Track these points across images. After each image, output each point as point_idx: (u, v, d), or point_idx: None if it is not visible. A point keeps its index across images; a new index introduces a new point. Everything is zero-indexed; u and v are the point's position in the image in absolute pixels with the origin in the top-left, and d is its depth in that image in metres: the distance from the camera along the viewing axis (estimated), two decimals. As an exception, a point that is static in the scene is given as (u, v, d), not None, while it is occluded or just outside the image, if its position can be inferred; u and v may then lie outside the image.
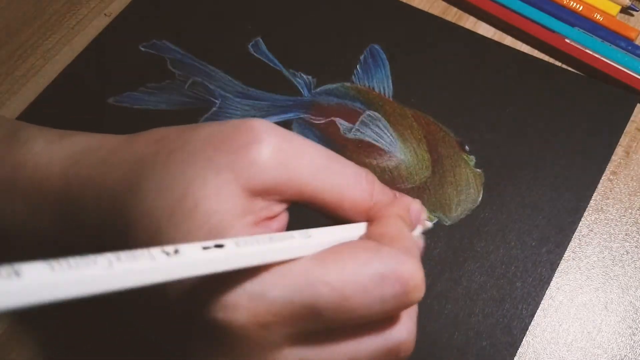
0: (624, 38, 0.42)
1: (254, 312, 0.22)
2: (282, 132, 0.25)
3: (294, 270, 0.23)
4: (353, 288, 0.22)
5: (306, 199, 0.25)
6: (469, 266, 0.36)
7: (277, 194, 0.25)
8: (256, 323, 0.22)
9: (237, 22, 0.46)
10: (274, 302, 0.22)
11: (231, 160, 0.24)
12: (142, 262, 0.18)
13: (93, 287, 0.17)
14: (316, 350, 0.23)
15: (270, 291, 0.22)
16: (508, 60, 0.43)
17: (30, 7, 0.48)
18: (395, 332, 0.24)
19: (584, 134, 0.39)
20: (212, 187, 0.24)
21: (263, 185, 0.24)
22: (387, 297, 0.23)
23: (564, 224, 0.37)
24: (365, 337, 0.24)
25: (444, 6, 0.46)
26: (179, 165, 0.24)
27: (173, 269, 0.19)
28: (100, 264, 0.17)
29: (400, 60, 0.43)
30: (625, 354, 0.33)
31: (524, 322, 0.34)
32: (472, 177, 0.38)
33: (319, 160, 0.26)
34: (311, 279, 0.22)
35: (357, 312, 0.23)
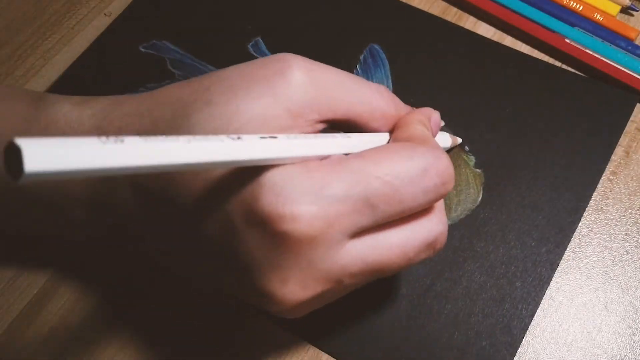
0: (624, 38, 0.42)
1: (316, 211, 0.24)
2: (308, 60, 0.27)
3: (346, 168, 0.25)
4: (401, 180, 0.25)
5: (341, 115, 0.28)
6: (468, 266, 0.36)
7: (315, 111, 0.27)
8: (320, 223, 0.24)
9: (237, 22, 0.46)
10: (334, 199, 0.24)
11: (269, 86, 0.26)
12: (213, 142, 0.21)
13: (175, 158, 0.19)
14: (373, 243, 0.25)
15: (330, 189, 0.24)
16: (508, 60, 0.43)
17: (30, 7, 0.48)
18: (433, 225, 0.27)
19: (584, 134, 0.39)
20: (255, 110, 0.25)
21: (302, 104, 0.26)
22: (429, 187, 0.25)
23: (564, 224, 0.37)
24: (411, 229, 0.26)
25: (443, 6, 0.46)
26: (220, 97, 0.26)
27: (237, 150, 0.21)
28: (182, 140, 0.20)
29: (400, 60, 0.43)
30: (625, 354, 0.33)
31: (524, 322, 0.34)
32: (472, 177, 0.38)
33: (345, 78, 0.28)
34: (364, 175, 0.24)
35: (405, 202, 0.25)
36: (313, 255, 0.24)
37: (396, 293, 0.35)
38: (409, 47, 0.44)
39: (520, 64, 0.42)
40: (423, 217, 0.27)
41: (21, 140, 0.15)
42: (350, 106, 0.27)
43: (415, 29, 0.45)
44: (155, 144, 0.19)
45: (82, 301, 0.37)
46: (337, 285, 0.26)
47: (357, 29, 0.45)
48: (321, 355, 0.34)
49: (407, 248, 0.26)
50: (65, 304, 0.36)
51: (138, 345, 0.35)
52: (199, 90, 0.27)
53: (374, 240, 0.25)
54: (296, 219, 0.23)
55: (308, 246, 0.24)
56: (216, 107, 0.26)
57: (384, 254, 0.26)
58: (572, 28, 0.43)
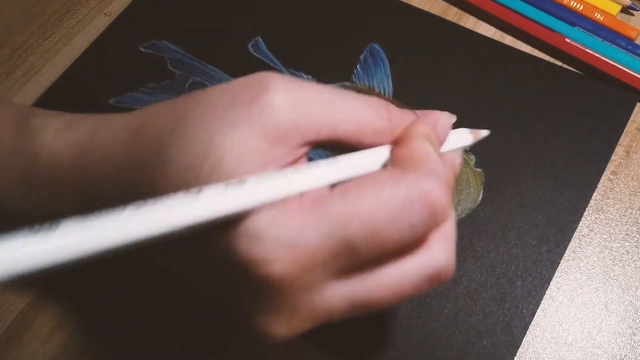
0: (624, 37, 0.42)
1: (291, 260, 0.23)
2: (288, 77, 0.26)
3: (324, 210, 0.23)
4: (382, 218, 0.23)
5: (326, 135, 0.26)
6: (469, 265, 0.36)
7: (297, 135, 0.25)
8: (296, 269, 0.23)
9: (237, 22, 0.46)
10: (308, 245, 0.23)
11: (246, 112, 0.24)
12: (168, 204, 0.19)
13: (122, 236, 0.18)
14: (361, 283, 0.24)
15: (306, 236, 0.23)
16: (508, 59, 0.43)
17: (30, 7, 0.48)
18: (432, 257, 0.25)
19: (584, 133, 0.39)
20: (233, 140, 0.24)
21: (281, 129, 0.24)
22: (415, 222, 0.24)
23: (564, 223, 0.37)
24: (403, 265, 0.25)
25: (444, 6, 0.46)
26: (197, 126, 0.25)
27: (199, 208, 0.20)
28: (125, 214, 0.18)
29: (400, 60, 0.43)
30: (625, 353, 0.33)
31: (525, 321, 0.34)
32: (472, 176, 0.38)
33: (329, 95, 0.26)
34: (342, 217, 0.23)
35: (390, 240, 0.23)
36: (296, 299, 0.24)
37: (396, 292, 0.35)
38: (409, 47, 0.44)
39: (521, 63, 0.42)
40: (419, 251, 0.25)
41: None
42: (336, 125, 0.26)
43: (416, 28, 0.45)
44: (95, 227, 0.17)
45: (78, 305, 0.36)
46: (327, 320, 0.25)
47: (357, 29, 0.45)
48: (321, 354, 0.34)
49: (403, 285, 0.25)
50: (65, 304, 0.36)
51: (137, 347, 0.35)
52: (177, 117, 0.26)
53: (361, 281, 0.24)
54: (271, 264, 0.23)
55: (288, 290, 0.23)
56: (192, 140, 0.25)
57: (374, 292, 0.24)
58: (573, 28, 0.43)
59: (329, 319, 0.25)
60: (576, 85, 0.41)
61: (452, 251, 0.26)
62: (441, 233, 0.26)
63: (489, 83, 0.42)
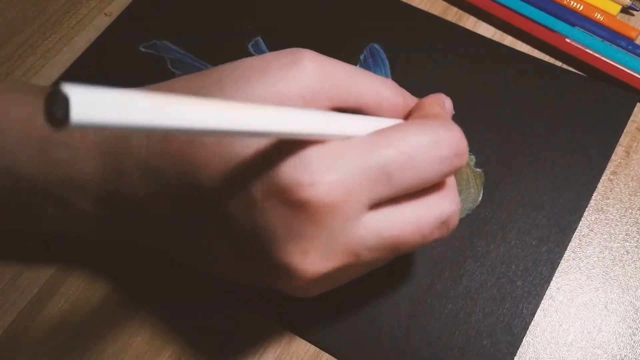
0: (625, 38, 0.42)
1: (335, 179, 0.24)
2: (318, 53, 0.29)
3: (361, 140, 0.25)
4: (415, 149, 0.25)
5: (351, 103, 0.28)
6: (469, 265, 0.36)
7: (327, 99, 0.27)
8: (339, 192, 0.24)
9: (237, 22, 0.46)
10: (352, 168, 0.24)
11: (283, 73, 0.27)
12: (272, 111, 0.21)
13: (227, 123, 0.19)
14: (389, 216, 0.26)
15: (348, 159, 0.25)
16: (508, 60, 0.43)
17: (30, 6, 0.48)
18: (446, 202, 0.28)
19: (584, 133, 0.39)
20: (272, 95, 0.26)
21: (314, 91, 0.27)
22: (443, 156, 0.26)
23: (565, 223, 0.37)
24: (424, 204, 0.27)
25: (444, 6, 0.46)
26: (233, 85, 0.27)
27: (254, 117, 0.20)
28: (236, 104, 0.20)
29: (400, 60, 0.43)
30: (625, 354, 0.33)
31: (525, 321, 0.34)
32: (472, 176, 0.38)
33: (353, 70, 0.29)
34: (379, 146, 0.25)
35: (420, 171, 0.26)
36: (333, 225, 0.25)
37: (396, 292, 0.35)
38: (409, 47, 0.44)
39: (521, 64, 0.42)
40: (435, 194, 0.28)
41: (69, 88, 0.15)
42: (359, 95, 0.28)
43: (416, 28, 0.45)
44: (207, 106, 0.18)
45: (82, 301, 0.36)
46: (355, 259, 0.26)
47: (357, 29, 0.45)
48: (321, 354, 0.34)
49: (422, 224, 0.27)
50: (64, 305, 0.36)
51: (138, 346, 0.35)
52: (211, 81, 0.28)
53: (389, 214, 0.26)
54: (315, 187, 0.24)
55: (328, 215, 0.24)
56: (230, 93, 0.27)
57: (399, 228, 0.26)
58: (573, 28, 0.43)
59: (359, 251, 0.26)
60: (576, 85, 0.41)
61: (458, 200, 0.29)
62: (452, 183, 0.29)
63: (489, 83, 0.42)
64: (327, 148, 0.25)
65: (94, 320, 0.36)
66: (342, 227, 0.25)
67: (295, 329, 0.35)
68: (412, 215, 0.26)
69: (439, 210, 0.27)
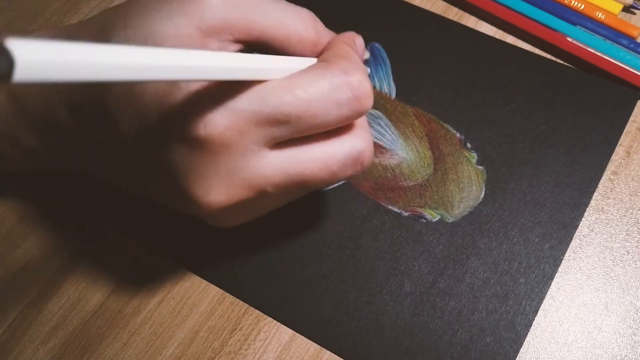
0: (626, 36, 0.42)
1: (229, 121, 0.25)
2: None
3: (258, 86, 0.26)
4: (312, 94, 0.26)
5: (255, 37, 0.28)
6: (471, 263, 0.36)
7: (228, 32, 0.28)
8: (233, 130, 0.25)
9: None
10: (245, 111, 0.25)
11: (182, 5, 0.27)
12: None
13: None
14: (294, 155, 0.27)
15: (242, 103, 0.25)
16: (509, 57, 0.43)
17: (32, 5, 0.48)
18: (357, 140, 0.28)
19: (586, 130, 0.39)
20: (169, 30, 0.26)
21: (214, 24, 0.27)
22: (342, 101, 0.26)
23: (567, 220, 0.37)
24: (332, 143, 0.28)
25: (444, 6, 0.46)
26: (136, 20, 0.27)
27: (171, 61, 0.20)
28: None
29: (401, 59, 0.43)
30: (625, 354, 0.33)
31: (528, 318, 0.34)
32: (474, 174, 0.38)
33: (263, 2, 0.28)
34: (275, 91, 0.26)
35: (319, 116, 0.26)
36: (232, 164, 0.26)
37: (399, 290, 0.35)
38: (409, 45, 0.44)
39: (522, 62, 0.42)
40: (345, 133, 0.28)
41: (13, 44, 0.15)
42: (264, 28, 0.28)
43: (416, 27, 0.45)
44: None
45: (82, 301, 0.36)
46: (261, 194, 0.27)
47: (357, 28, 0.45)
48: (321, 353, 0.34)
49: (330, 161, 0.28)
50: (65, 304, 0.36)
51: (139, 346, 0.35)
52: (119, 15, 0.28)
53: (295, 153, 0.27)
54: (210, 127, 0.25)
55: (225, 154, 0.26)
56: (132, 29, 0.27)
57: (306, 166, 0.27)
58: (574, 27, 0.43)
59: (263, 187, 0.27)
60: (577, 82, 0.41)
61: (370, 138, 0.29)
62: (362, 122, 0.29)
63: (490, 81, 0.42)
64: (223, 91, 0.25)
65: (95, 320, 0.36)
66: (242, 165, 0.26)
67: (298, 327, 0.35)
68: (319, 154, 0.27)
69: (348, 147, 0.28)
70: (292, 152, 0.27)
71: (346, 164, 0.28)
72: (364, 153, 0.29)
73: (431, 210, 0.37)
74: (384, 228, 0.37)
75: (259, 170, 0.27)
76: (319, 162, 0.27)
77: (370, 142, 0.29)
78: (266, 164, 0.27)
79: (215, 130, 0.25)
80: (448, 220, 0.37)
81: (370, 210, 0.38)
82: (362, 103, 0.27)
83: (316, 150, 0.27)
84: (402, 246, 0.36)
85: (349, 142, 0.28)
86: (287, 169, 0.27)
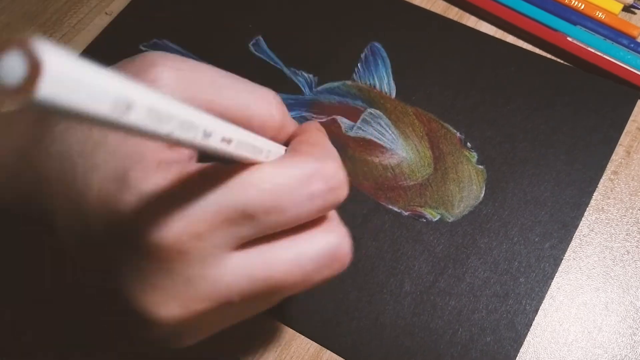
0: (626, 36, 0.42)
1: (186, 223, 0.22)
2: (176, 56, 0.25)
3: (217, 175, 0.22)
4: (281, 187, 0.23)
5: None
6: (472, 262, 0.36)
7: None
8: (191, 234, 0.22)
9: (238, 21, 0.46)
10: (205, 210, 0.22)
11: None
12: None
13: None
14: (260, 256, 0.23)
15: (201, 201, 0.22)
16: (509, 57, 0.43)
17: (32, 5, 0.48)
18: (330, 236, 0.25)
19: (586, 130, 0.39)
20: None
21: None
22: (314, 193, 0.23)
23: (567, 219, 0.37)
24: (304, 240, 0.24)
25: (444, 6, 0.46)
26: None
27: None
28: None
29: (401, 58, 0.43)
30: (625, 353, 0.33)
31: (528, 318, 0.34)
32: (474, 173, 0.38)
33: (221, 79, 0.25)
34: (240, 184, 0.22)
35: (288, 210, 0.23)
36: (189, 272, 0.22)
37: (400, 290, 0.35)
38: (410, 45, 0.44)
39: (522, 61, 0.43)
40: (316, 228, 0.25)
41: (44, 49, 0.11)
42: (223, 109, 0.25)
43: (416, 26, 0.45)
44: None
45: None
46: (225, 306, 0.24)
47: (358, 28, 0.45)
48: (322, 352, 0.34)
49: (303, 261, 0.24)
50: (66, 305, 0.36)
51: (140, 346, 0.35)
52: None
53: (261, 253, 0.24)
54: (164, 232, 0.22)
55: (182, 261, 0.22)
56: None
57: (274, 268, 0.24)
58: (574, 26, 0.43)
59: (228, 297, 0.23)
60: (577, 81, 0.41)
61: (344, 232, 0.26)
62: (333, 215, 0.26)
63: (491, 80, 0.42)
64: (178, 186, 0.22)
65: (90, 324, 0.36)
66: (201, 273, 0.23)
67: (299, 327, 0.35)
68: (289, 253, 0.24)
69: (321, 244, 0.24)
70: (258, 253, 0.23)
71: (321, 263, 0.24)
72: (339, 249, 0.25)
73: (431, 209, 0.37)
74: (384, 228, 0.37)
75: (221, 277, 0.23)
76: (290, 263, 0.24)
77: (345, 237, 0.25)
78: (229, 270, 0.23)
79: (169, 235, 0.22)
80: (448, 220, 0.37)
81: (370, 210, 0.38)
82: (336, 194, 0.24)
83: (286, 249, 0.24)
84: (402, 246, 0.36)
85: (322, 238, 0.25)
86: (253, 273, 0.23)
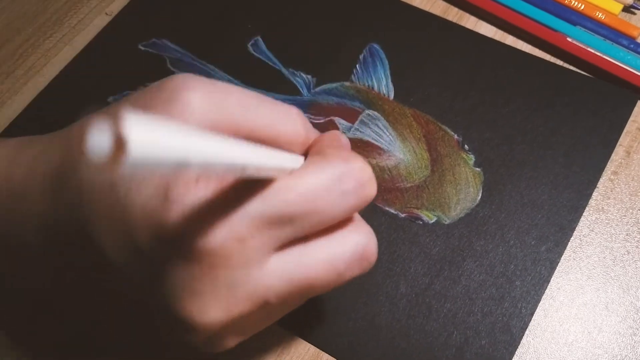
0: (626, 36, 0.42)
1: (229, 230, 0.23)
2: (205, 79, 0.26)
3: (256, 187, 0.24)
4: (316, 189, 0.24)
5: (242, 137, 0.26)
6: (468, 265, 0.36)
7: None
8: (234, 239, 0.23)
9: (237, 21, 0.46)
10: (247, 216, 0.23)
11: (165, 111, 0.24)
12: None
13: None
14: (298, 258, 0.25)
15: (243, 208, 0.23)
16: (508, 59, 0.43)
17: (32, 6, 0.48)
18: (359, 235, 0.26)
19: (585, 132, 0.39)
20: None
21: (200, 127, 0.24)
22: (347, 190, 0.25)
23: (564, 223, 0.36)
24: (337, 240, 0.26)
25: (444, 6, 0.46)
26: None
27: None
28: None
29: (400, 60, 0.43)
30: (626, 354, 0.33)
31: (523, 321, 0.34)
32: (472, 176, 0.38)
33: (248, 99, 0.26)
34: (277, 190, 0.24)
35: (325, 211, 0.24)
36: (232, 276, 0.24)
37: (395, 292, 0.35)
38: (408, 47, 0.44)
39: (521, 63, 0.42)
40: (346, 228, 0.26)
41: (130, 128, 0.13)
42: (252, 129, 0.26)
43: (415, 28, 0.45)
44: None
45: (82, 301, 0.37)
46: (263, 307, 0.25)
47: (357, 29, 0.45)
48: (321, 354, 0.34)
49: (336, 261, 0.25)
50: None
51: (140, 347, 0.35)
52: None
53: (297, 255, 0.25)
54: (210, 239, 0.23)
55: (225, 266, 0.23)
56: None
57: (311, 269, 0.25)
58: (574, 27, 0.43)
59: (267, 298, 0.24)
60: (576, 83, 0.41)
61: (370, 230, 0.27)
62: (358, 216, 0.28)
63: (489, 82, 0.42)
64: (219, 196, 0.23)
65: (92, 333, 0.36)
66: (242, 275, 0.24)
67: (295, 330, 0.35)
68: (323, 253, 0.25)
69: (353, 243, 0.26)
70: (294, 255, 0.25)
71: (352, 262, 0.26)
72: (368, 248, 0.26)
73: (428, 211, 0.37)
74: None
75: (261, 279, 0.24)
76: (324, 263, 0.25)
77: (372, 236, 0.27)
78: (268, 272, 0.24)
79: (215, 240, 0.23)
80: (445, 222, 0.37)
81: (366, 212, 0.37)
82: (367, 191, 0.26)
83: (319, 249, 0.25)
84: (399, 247, 0.36)
85: (352, 238, 0.26)
86: (291, 274, 0.25)
